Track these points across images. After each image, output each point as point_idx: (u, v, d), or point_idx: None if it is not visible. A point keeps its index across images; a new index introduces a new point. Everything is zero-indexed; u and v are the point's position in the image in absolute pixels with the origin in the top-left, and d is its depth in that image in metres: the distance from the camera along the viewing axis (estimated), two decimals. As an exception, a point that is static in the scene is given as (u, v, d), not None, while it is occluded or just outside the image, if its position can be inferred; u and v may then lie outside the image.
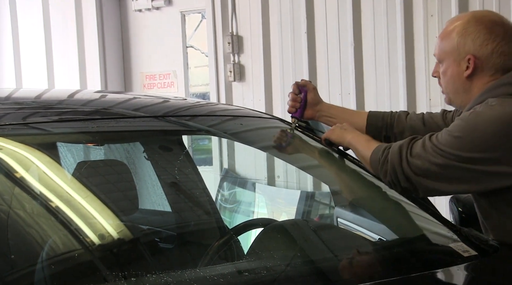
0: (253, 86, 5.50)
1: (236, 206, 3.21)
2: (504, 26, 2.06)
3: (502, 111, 1.95)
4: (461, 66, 2.07)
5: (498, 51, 2.04)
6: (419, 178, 2.01)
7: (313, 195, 3.07)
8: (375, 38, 4.75)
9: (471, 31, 2.05)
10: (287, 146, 2.47)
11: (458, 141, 1.95)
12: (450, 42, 2.08)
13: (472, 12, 2.17)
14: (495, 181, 1.98)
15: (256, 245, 2.12)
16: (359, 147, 2.19)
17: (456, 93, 2.13)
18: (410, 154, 2.01)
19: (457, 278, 2.00)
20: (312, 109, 2.44)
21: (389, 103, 4.67)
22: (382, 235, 2.30)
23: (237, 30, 5.59)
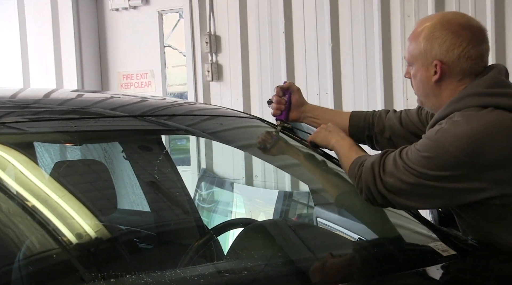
0: (231, 85, 5.49)
1: (216, 206, 3.20)
2: (472, 29, 2.03)
3: (466, 128, 1.92)
4: (429, 71, 2.06)
5: (465, 55, 2.01)
6: (393, 196, 2.00)
7: (292, 194, 3.07)
8: (352, 38, 4.77)
9: (437, 36, 2.02)
10: (268, 146, 2.45)
11: (427, 161, 1.94)
12: (417, 46, 2.06)
13: (440, 15, 2.12)
14: (466, 196, 1.97)
15: (236, 245, 2.11)
16: (341, 156, 2.20)
17: (426, 96, 2.12)
18: (383, 172, 2.00)
19: (436, 277, 2.01)
20: (296, 111, 2.44)
21: (366, 103, 4.69)
22: (361, 235, 2.30)
23: (215, 29, 5.57)
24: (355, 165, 2.08)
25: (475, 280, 1.99)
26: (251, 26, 5.33)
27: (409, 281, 1.94)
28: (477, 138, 1.92)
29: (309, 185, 2.74)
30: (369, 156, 2.10)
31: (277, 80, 5.17)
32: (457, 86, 2.04)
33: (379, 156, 2.04)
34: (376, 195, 2.02)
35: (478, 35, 2.04)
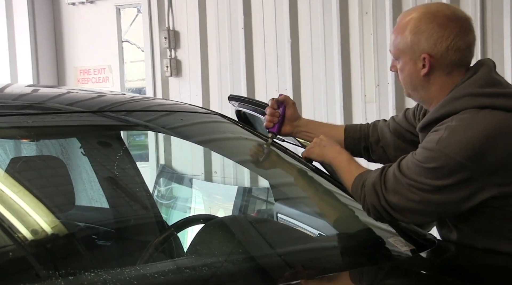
0: (190, 81, 5.46)
1: (175, 202, 3.18)
2: (458, 20, 2.00)
3: (467, 134, 1.89)
4: (417, 65, 2.02)
5: (453, 48, 1.98)
6: (398, 214, 1.98)
7: (253, 190, 3.06)
8: (311, 34, 4.79)
9: (424, 29, 1.99)
10: (260, 159, 2.40)
11: (432, 172, 1.90)
12: (403, 39, 2.02)
13: (425, 7, 2.06)
14: (473, 200, 1.94)
15: (196, 241, 2.10)
16: (341, 173, 2.16)
17: (414, 90, 2.08)
18: (385, 189, 1.97)
19: (395, 272, 2.02)
20: (290, 125, 2.39)
21: (325, 99, 4.71)
22: (321, 230, 2.31)
23: (174, 25, 5.54)
24: (358, 185, 2.05)
25: (433, 275, 2.01)
26: (210, 21, 5.31)
27: (369, 276, 1.95)
28: (480, 142, 1.89)
29: (270, 181, 2.74)
30: (369, 173, 2.06)
31: (236, 76, 5.17)
32: (446, 79, 2.02)
33: (379, 173, 2.01)
34: (384, 214, 1.99)
35: (465, 26, 2.01)
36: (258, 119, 2.80)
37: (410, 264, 2.03)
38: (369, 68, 4.50)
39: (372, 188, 2.00)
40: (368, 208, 2.02)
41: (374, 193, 1.99)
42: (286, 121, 2.38)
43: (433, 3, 2.08)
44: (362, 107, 4.54)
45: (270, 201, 2.86)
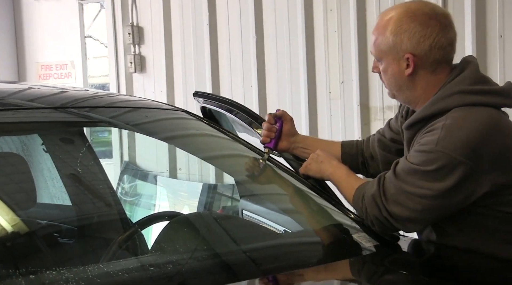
0: (154, 77, 5.43)
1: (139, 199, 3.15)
2: (438, 17, 1.99)
3: (465, 132, 1.88)
4: (401, 65, 2.01)
5: (436, 46, 1.97)
6: (402, 225, 1.96)
7: (218, 187, 3.05)
8: (276, 31, 4.79)
9: (405, 29, 1.97)
10: (256, 174, 2.36)
11: (433, 174, 1.89)
12: (385, 41, 2.00)
13: (404, 6, 2.03)
14: (470, 199, 1.92)
15: (161, 238, 2.08)
16: (341, 187, 2.14)
17: (399, 90, 2.06)
18: (385, 200, 1.95)
19: (359, 267, 2.03)
20: (287, 141, 2.36)
21: (290, 95, 4.72)
22: (287, 227, 2.31)
23: (138, 20, 5.50)
24: (358, 199, 2.04)
25: (396, 269, 2.03)
26: (175, 17, 5.28)
27: (333, 272, 1.95)
28: (477, 139, 1.88)
29: (235, 177, 2.73)
30: (367, 185, 2.04)
31: (201, 72, 5.15)
32: (431, 77, 2.01)
33: (376, 184, 1.99)
34: (387, 224, 1.97)
35: (445, 23, 2.00)
36: (223, 116, 2.79)
37: (373, 259, 2.04)
38: (334, 65, 4.52)
39: (372, 200, 1.98)
40: (371, 220, 2.00)
41: (375, 205, 1.97)
42: (283, 136, 2.35)
43: (411, 2, 2.06)
44: (327, 104, 4.56)
45: (235, 198, 2.85)
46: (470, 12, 3.90)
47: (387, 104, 4.29)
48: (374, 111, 4.36)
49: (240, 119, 2.64)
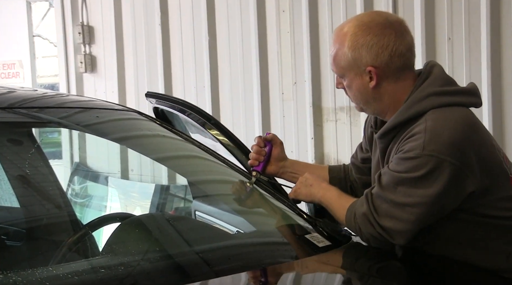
0: (105, 77, 5.37)
1: (90, 200, 3.11)
2: (392, 25, 1.98)
3: (450, 132, 1.88)
4: (364, 79, 2.00)
5: (395, 54, 1.96)
6: (396, 238, 1.93)
7: (170, 188, 3.03)
8: (229, 32, 4.78)
9: (362, 43, 1.96)
10: (242, 197, 2.31)
11: (425, 179, 1.87)
12: (344, 57, 1.99)
13: (357, 19, 2.02)
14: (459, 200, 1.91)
15: (112, 240, 2.05)
16: (333, 208, 2.10)
17: (367, 103, 2.05)
18: (377, 215, 1.93)
19: (312, 268, 2.04)
20: (276, 165, 2.33)
21: (243, 96, 4.72)
22: (240, 228, 2.30)
23: (88, 20, 5.43)
24: (350, 219, 2.01)
25: (349, 269, 2.05)
26: (126, 17, 5.23)
27: (287, 272, 1.96)
28: (460, 139, 1.89)
29: (188, 178, 2.72)
30: (356, 204, 2.01)
31: (153, 72, 5.11)
32: (396, 85, 2.00)
33: (365, 202, 1.97)
34: (382, 239, 1.95)
35: (400, 30, 1.99)
36: (176, 117, 2.77)
37: (326, 259, 2.05)
38: (287, 66, 4.53)
39: (365, 218, 1.96)
40: (367, 238, 1.98)
41: (368, 223, 1.95)
42: (272, 160, 2.32)
43: (364, 14, 2.07)
44: (280, 105, 4.57)
45: (188, 199, 2.83)
46: (420, 15, 3.96)
47: (339, 105, 4.32)
48: (327, 112, 4.39)
49: (193, 120, 2.62)
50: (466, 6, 3.84)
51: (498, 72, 3.76)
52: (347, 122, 4.29)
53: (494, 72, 3.75)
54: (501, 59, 3.77)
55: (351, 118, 4.27)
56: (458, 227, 1.97)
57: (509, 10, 3.71)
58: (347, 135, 4.31)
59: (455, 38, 3.90)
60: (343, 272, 2.04)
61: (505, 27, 3.73)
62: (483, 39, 3.77)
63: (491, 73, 3.74)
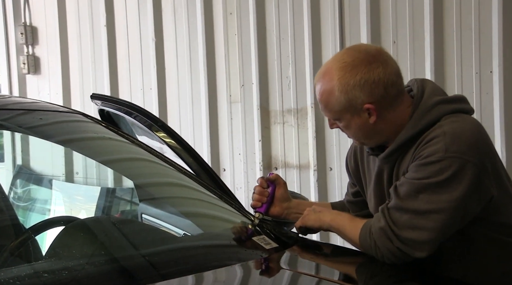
0: (49, 79, 5.28)
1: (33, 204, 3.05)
2: (376, 57, 1.95)
3: (469, 134, 1.87)
4: (362, 117, 1.96)
5: (388, 85, 1.93)
6: (421, 248, 1.86)
7: (116, 191, 2.99)
8: (176, 33, 4.76)
9: (353, 84, 1.92)
10: (243, 238, 2.18)
11: (449, 182, 1.84)
12: (337, 101, 1.95)
13: (338, 61, 1.97)
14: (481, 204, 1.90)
15: (56, 244, 2.01)
16: (345, 230, 2.03)
17: (369, 138, 2.02)
18: (398, 229, 1.87)
19: (259, 269, 2.05)
20: (279, 206, 2.26)
21: (190, 98, 4.70)
22: (187, 230, 2.29)
23: (31, 20, 5.34)
24: (365, 236, 1.94)
25: (296, 270, 2.06)
26: (71, 18, 5.16)
27: (233, 274, 1.96)
28: (479, 142, 1.89)
29: (134, 181, 2.69)
30: (371, 221, 1.95)
31: (99, 74, 5.05)
32: (395, 112, 1.97)
33: (382, 217, 1.91)
34: (400, 255, 1.88)
35: (384, 58, 1.97)
36: (122, 119, 2.74)
37: (273, 261, 2.05)
38: (234, 68, 4.53)
39: (382, 233, 1.90)
40: (383, 254, 1.91)
41: (386, 238, 1.89)
42: (275, 201, 2.26)
43: (343, 54, 1.99)
44: (228, 107, 4.57)
45: (134, 202, 2.81)
46: (366, 19, 4.01)
47: (286, 107, 4.34)
48: (274, 114, 4.40)
49: (139, 122, 2.60)
50: (411, 11, 3.90)
51: (441, 74, 3.84)
52: (295, 125, 4.31)
53: (437, 75, 3.82)
54: (444, 62, 3.84)
55: (299, 120, 4.29)
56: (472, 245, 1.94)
57: (452, 15, 3.79)
58: (294, 137, 4.33)
59: (399, 42, 3.96)
60: (289, 274, 2.04)
61: (447, 32, 3.81)
62: (426, 43, 3.84)
63: (434, 76, 3.81)
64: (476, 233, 1.95)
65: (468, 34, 3.73)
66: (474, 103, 3.71)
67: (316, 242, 2.25)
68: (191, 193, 2.40)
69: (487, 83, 3.70)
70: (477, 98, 3.75)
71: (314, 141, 4.20)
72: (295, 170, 4.31)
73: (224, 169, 4.59)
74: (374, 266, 1.98)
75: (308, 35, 4.19)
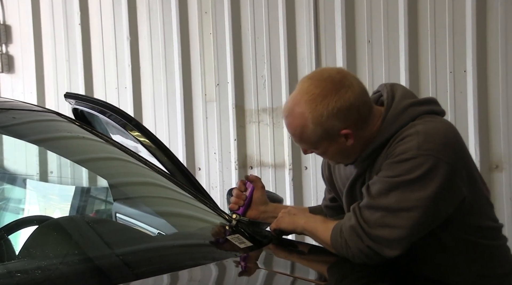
0: (23, 78, 5.23)
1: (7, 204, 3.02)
2: (341, 82, 1.93)
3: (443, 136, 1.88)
4: (339, 142, 1.95)
5: (360, 106, 1.92)
6: (392, 246, 1.85)
7: (91, 190, 2.98)
8: (151, 32, 4.74)
9: (326, 114, 1.90)
10: (220, 240, 2.20)
11: (422, 180, 1.83)
12: (313, 133, 1.93)
13: (305, 92, 1.93)
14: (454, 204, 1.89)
15: (29, 243, 2.00)
16: (317, 232, 2.03)
17: (346, 158, 2.02)
18: (369, 227, 1.87)
19: (233, 268, 2.05)
20: (256, 209, 2.26)
21: (165, 98, 4.69)
22: (161, 230, 2.29)
23: (4, 18, 5.29)
24: (336, 236, 1.94)
25: (270, 269, 2.07)
26: (45, 16, 5.12)
27: (208, 273, 1.95)
28: (452, 141, 1.90)
29: (108, 180, 2.68)
30: (342, 221, 1.95)
31: (73, 73, 5.02)
32: (369, 126, 1.96)
33: (353, 215, 1.91)
34: (370, 254, 1.87)
35: (350, 81, 1.94)
36: (96, 118, 2.73)
37: (247, 260, 2.06)
38: (209, 68, 4.53)
39: (352, 231, 1.89)
40: (353, 253, 1.90)
41: (356, 236, 1.88)
42: (252, 204, 2.26)
43: (308, 85, 1.95)
44: (203, 106, 4.56)
45: (109, 201, 2.79)
46: (340, 18, 4.03)
47: (262, 106, 4.35)
48: (249, 113, 4.41)
49: (113, 121, 2.59)
50: (385, 10, 3.93)
51: (416, 74, 3.86)
52: (270, 124, 4.32)
53: (412, 74, 3.85)
54: (418, 61, 3.87)
55: (274, 119, 4.30)
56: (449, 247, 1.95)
57: (426, 15, 3.82)
58: (269, 136, 4.34)
59: (374, 41, 3.99)
60: (264, 273, 2.05)
61: (422, 31, 3.84)
62: (401, 42, 3.87)
63: (409, 75, 3.84)
64: (449, 234, 1.95)
65: (442, 33, 3.76)
66: (448, 102, 3.75)
67: (291, 241, 2.26)
68: (165, 193, 2.39)
69: (461, 82, 3.74)
70: (451, 97, 3.78)
71: (290, 140, 4.21)
72: (270, 169, 4.32)
73: (200, 168, 4.59)
74: (348, 265, 1.99)
75: (283, 34, 4.20)
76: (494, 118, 3.68)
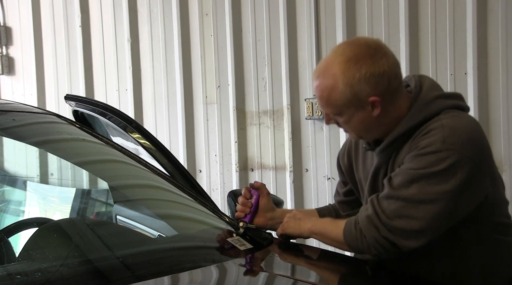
0: (24, 79, 5.24)
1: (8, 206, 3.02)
2: (377, 50, 1.92)
3: (467, 129, 1.87)
4: (366, 110, 1.93)
5: (392, 77, 1.91)
6: (410, 238, 1.83)
7: (91, 192, 2.97)
8: (152, 34, 4.75)
9: (358, 77, 1.88)
10: (226, 247, 2.16)
11: (443, 174, 1.81)
12: (342, 95, 1.91)
13: (340, 54, 1.93)
14: (476, 200, 1.88)
15: (29, 245, 2.00)
16: (327, 231, 2.01)
17: (369, 131, 1.99)
18: (387, 217, 1.85)
19: (233, 271, 2.05)
20: (263, 216, 2.24)
21: (166, 100, 4.69)
22: (161, 232, 2.29)
23: (5, 20, 5.29)
24: (350, 228, 1.91)
25: (270, 271, 2.07)
26: (45, 18, 5.13)
27: (208, 275, 1.95)
28: (478, 138, 1.89)
29: (109, 182, 2.68)
30: (357, 214, 1.93)
31: (74, 75, 5.02)
32: (396, 104, 1.95)
33: (370, 205, 1.89)
34: (387, 245, 1.85)
35: (385, 50, 1.93)
36: (96, 120, 2.73)
37: (248, 262, 2.06)
38: (210, 70, 4.53)
39: (369, 222, 1.87)
40: (368, 244, 1.87)
41: (372, 226, 1.86)
42: (259, 211, 2.24)
43: (344, 48, 1.95)
44: (204, 108, 4.56)
45: (109, 203, 2.79)
46: (341, 21, 4.03)
47: (262, 108, 4.35)
48: (250, 115, 4.41)
49: (114, 123, 2.59)
50: (386, 13, 3.93)
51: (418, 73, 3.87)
52: (271, 126, 4.32)
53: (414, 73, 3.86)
54: (419, 63, 3.87)
55: (274, 121, 4.30)
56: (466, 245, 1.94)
57: (427, 17, 3.82)
58: (270, 138, 4.34)
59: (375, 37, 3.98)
60: (264, 275, 2.05)
61: (422, 33, 3.84)
62: (402, 44, 3.86)
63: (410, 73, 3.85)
64: (468, 229, 1.94)
65: (443, 35, 3.76)
66: (448, 105, 3.74)
67: (292, 243, 2.26)
68: (166, 195, 2.39)
69: (461, 85, 3.73)
70: (451, 99, 3.78)
71: (290, 142, 4.21)
72: (271, 172, 4.32)
73: (200, 170, 4.59)
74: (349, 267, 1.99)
75: (284, 36, 4.20)
76: (495, 120, 3.68)
